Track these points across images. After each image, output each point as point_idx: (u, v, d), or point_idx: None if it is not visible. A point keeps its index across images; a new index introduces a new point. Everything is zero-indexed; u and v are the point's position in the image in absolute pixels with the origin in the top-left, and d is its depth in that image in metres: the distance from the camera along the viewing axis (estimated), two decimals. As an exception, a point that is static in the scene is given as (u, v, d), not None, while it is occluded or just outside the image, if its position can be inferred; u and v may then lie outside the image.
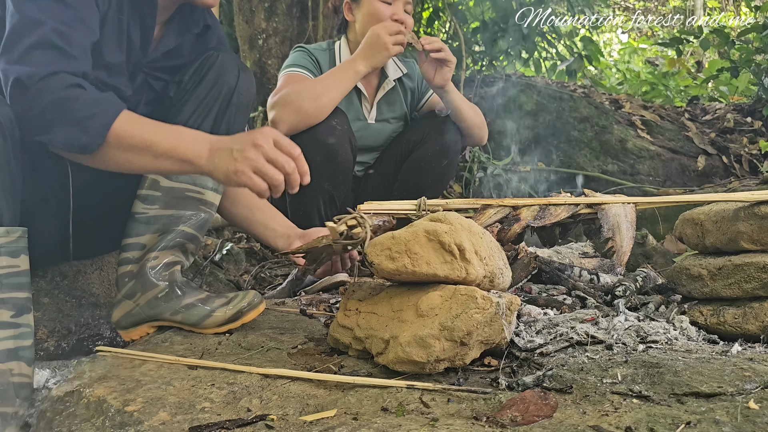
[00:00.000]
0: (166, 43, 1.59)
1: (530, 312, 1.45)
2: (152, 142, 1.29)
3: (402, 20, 2.20)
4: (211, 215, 1.58)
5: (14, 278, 1.28)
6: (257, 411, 1.09)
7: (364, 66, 2.08)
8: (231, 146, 1.29)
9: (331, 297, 1.87)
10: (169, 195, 1.51)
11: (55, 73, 1.25)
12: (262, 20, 4.15)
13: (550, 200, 1.70)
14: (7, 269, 1.27)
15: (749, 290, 1.33)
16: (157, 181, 1.51)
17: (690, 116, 4.50)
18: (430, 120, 2.30)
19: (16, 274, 1.29)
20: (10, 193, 1.30)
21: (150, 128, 1.30)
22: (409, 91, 2.42)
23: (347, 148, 2.10)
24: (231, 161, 1.27)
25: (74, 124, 1.24)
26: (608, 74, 7.13)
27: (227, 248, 2.63)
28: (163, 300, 1.49)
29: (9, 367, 1.25)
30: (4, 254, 1.26)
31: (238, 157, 1.26)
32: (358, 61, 2.09)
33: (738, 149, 4.00)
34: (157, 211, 1.51)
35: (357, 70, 2.09)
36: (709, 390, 1.02)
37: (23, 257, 1.30)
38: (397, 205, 1.73)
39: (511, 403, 1.03)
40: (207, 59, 1.59)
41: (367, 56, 2.07)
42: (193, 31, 1.64)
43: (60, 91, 1.25)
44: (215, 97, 1.55)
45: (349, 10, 2.29)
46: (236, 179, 1.27)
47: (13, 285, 1.28)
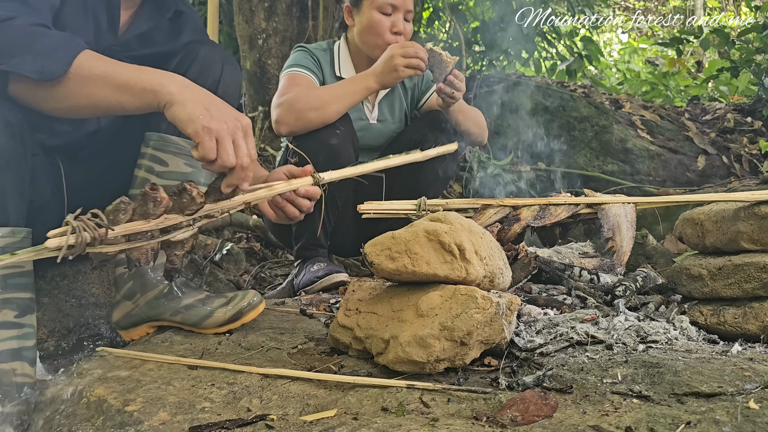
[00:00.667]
0: (137, 26, 1.57)
1: (530, 312, 1.45)
2: (115, 72, 1.25)
3: (400, 32, 2.19)
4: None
5: (18, 278, 1.29)
6: (257, 411, 1.09)
7: (375, 83, 2.09)
8: (211, 103, 1.23)
9: (331, 297, 1.87)
10: None
11: (18, 16, 1.24)
12: (262, 20, 4.15)
13: (550, 200, 1.70)
14: (11, 269, 1.27)
15: (749, 290, 1.33)
16: (148, 180, 1.49)
17: (690, 116, 4.50)
18: (431, 120, 2.29)
19: (20, 275, 1.29)
20: (19, 194, 1.30)
21: (114, 63, 1.27)
22: (409, 91, 2.42)
23: (350, 149, 2.10)
24: (205, 113, 1.20)
25: (40, 54, 1.22)
26: (608, 74, 7.13)
27: (227, 248, 2.64)
28: (162, 301, 1.49)
29: (12, 367, 1.26)
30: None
31: (214, 115, 1.20)
32: (370, 77, 2.09)
33: (738, 149, 4.00)
34: None
35: (368, 86, 2.09)
36: (709, 390, 1.02)
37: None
38: (397, 205, 1.73)
39: (511, 403, 1.03)
40: (190, 51, 1.56)
41: (379, 75, 2.07)
42: (165, 16, 1.62)
43: (26, 27, 1.23)
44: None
45: (349, 15, 2.29)
46: (197, 130, 1.18)
47: (17, 285, 1.29)
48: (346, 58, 2.30)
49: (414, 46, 2.07)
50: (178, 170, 1.50)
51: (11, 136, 1.27)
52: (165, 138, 1.50)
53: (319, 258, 2.12)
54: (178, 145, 1.50)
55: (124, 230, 1.19)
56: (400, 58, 2.04)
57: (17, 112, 1.29)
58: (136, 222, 1.21)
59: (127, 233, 1.20)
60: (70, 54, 1.24)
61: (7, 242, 1.26)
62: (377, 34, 2.19)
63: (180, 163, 1.50)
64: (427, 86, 2.41)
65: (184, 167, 1.50)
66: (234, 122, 1.22)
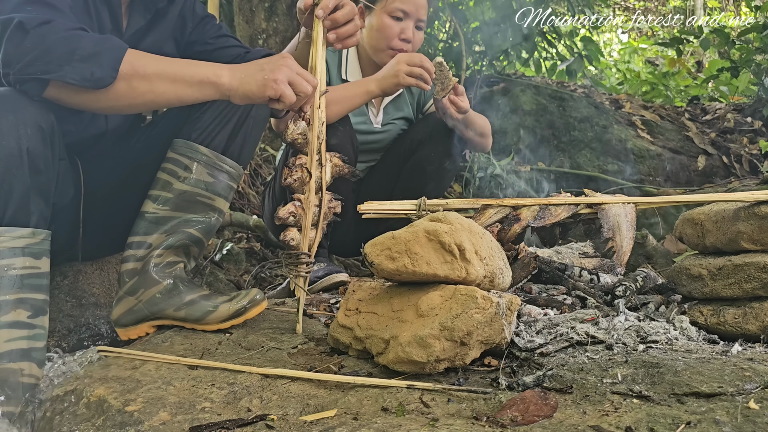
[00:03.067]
0: (136, 22, 1.59)
1: (530, 312, 1.45)
2: (167, 67, 1.32)
3: (408, 39, 2.18)
4: (219, 222, 1.60)
5: (34, 279, 1.30)
6: (257, 411, 1.09)
7: (376, 88, 2.08)
8: (258, 63, 1.37)
9: (331, 297, 1.87)
10: (180, 198, 1.52)
11: (53, 20, 1.26)
12: (262, 20, 4.15)
13: (550, 200, 1.70)
14: (28, 270, 1.29)
15: (749, 290, 1.33)
16: (170, 183, 1.53)
17: (690, 116, 4.50)
18: (433, 120, 2.29)
19: (37, 276, 1.30)
20: (44, 197, 1.32)
21: (161, 58, 1.35)
22: (415, 96, 2.42)
23: (349, 149, 2.10)
24: (265, 72, 1.34)
25: (85, 59, 1.25)
26: (608, 74, 7.13)
27: (227, 248, 2.64)
28: (166, 296, 1.49)
29: (20, 367, 1.26)
30: (27, 255, 1.28)
31: (273, 68, 1.34)
32: (372, 81, 2.08)
33: (738, 149, 4.00)
34: (167, 212, 1.52)
35: (369, 90, 2.08)
36: (709, 390, 1.02)
37: (44, 259, 1.32)
38: (398, 205, 1.73)
39: (511, 403, 1.03)
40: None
41: (381, 79, 2.07)
42: (159, 5, 1.63)
43: (64, 32, 1.25)
44: (235, 107, 1.57)
45: (361, 16, 2.27)
46: (273, 86, 1.33)
47: (33, 286, 1.30)
48: (354, 61, 2.29)
49: (420, 57, 2.06)
50: (200, 178, 1.54)
51: (42, 141, 1.28)
52: (192, 146, 1.54)
53: (319, 258, 2.12)
54: (205, 155, 1.54)
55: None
56: (403, 65, 2.03)
57: (50, 116, 1.30)
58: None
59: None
60: (114, 57, 1.28)
61: (27, 243, 1.28)
62: (385, 38, 2.17)
63: (203, 172, 1.54)
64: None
65: (207, 177, 1.54)
66: (282, 63, 1.35)
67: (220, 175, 1.55)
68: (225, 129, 1.57)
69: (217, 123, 1.56)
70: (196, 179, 1.53)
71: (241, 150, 1.59)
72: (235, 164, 1.58)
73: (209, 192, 1.55)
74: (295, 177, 1.46)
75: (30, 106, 1.27)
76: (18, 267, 1.27)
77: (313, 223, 1.49)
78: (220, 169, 1.55)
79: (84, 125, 1.58)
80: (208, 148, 1.54)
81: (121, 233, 1.58)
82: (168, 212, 1.53)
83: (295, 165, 1.46)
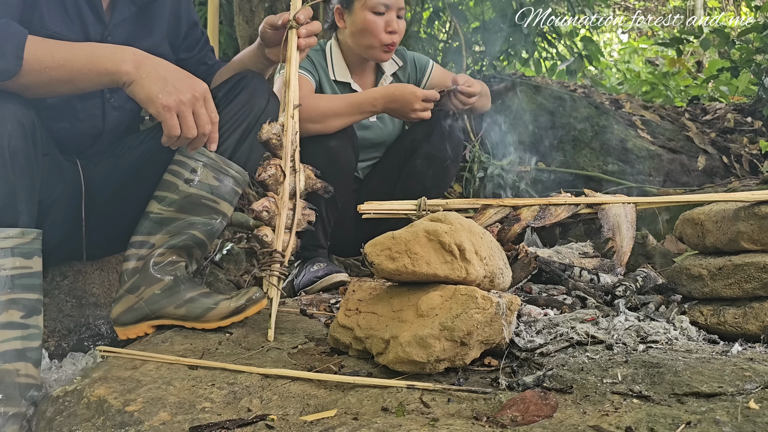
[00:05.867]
0: (120, 12, 1.58)
1: (530, 312, 1.45)
2: (68, 58, 1.28)
3: (395, 30, 2.19)
4: (223, 225, 1.60)
5: (26, 279, 1.29)
6: (257, 411, 1.09)
7: (383, 109, 2.10)
8: (166, 76, 1.30)
9: (331, 297, 1.87)
10: (185, 200, 1.53)
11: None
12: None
13: (550, 200, 1.70)
14: (19, 270, 1.28)
15: (749, 290, 1.33)
16: (176, 185, 1.53)
17: (690, 116, 4.50)
18: (433, 120, 2.29)
19: (29, 276, 1.30)
20: (30, 196, 1.31)
21: (62, 45, 1.30)
22: (406, 82, 2.41)
23: (349, 150, 2.10)
24: (163, 90, 1.28)
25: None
26: (608, 74, 7.13)
27: (227, 248, 2.63)
28: (166, 293, 1.50)
29: (16, 368, 1.26)
30: (17, 255, 1.28)
31: (171, 90, 1.28)
32: (380, 102, 2.08)
33: (738, 149, 4.00)
34: (171, 213, 1.53)
35: (374, 110, 2.11)
36: (709, 390, 1.02)
37: (36, 259, 1.32)
38: (398, 205, 1.73)
39: (511, 403, 1.03)
40: (241, 80, 1.64)
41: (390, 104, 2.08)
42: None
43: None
44: (245, 115, 1.58)
45: (340, 17, 2.26)
46: (158, 110, 1.27)
47: (25, 286, 1.29)
48: (340, 60, 2.29)
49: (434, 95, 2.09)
50: (206, 182, 1.54)
51: (24, 138, 1.28)
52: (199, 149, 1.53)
53: (319, 258, 2.12)
54: (212, 159, 1.54)
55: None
56: (419, 104, 2.05)
57: (30, 112, 1.29)
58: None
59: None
60: (18, 45, 1.24)
61: (16, 243, 1.28)
62: (372, 34, 2.18)
63: (209, 176, 1.54)
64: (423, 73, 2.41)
65: (213, 180, 1.54)
66: (191, 92, 1.30)
67: (226, 179, 1.55)
68: (234, 134, 1.57)
69: (227, 128, 1.56)
70: (202, 182, 1.53)
71: (249, 156, 1.60)
72: (241, 170, 1.58)
73: (214, 195, 1.55)
74: (269, 173, 1.47)
75: (9, 104, 1.26)
76: (8, 267, 1.26)
77: (287, 227, 1.50)
78: (226, 174, 1.55)
79: (79, 122, 1.58)
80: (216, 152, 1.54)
81: (125, 233, 1.59)
82: (172, 213, 1.53)
83: (270, 163, 1.48)
